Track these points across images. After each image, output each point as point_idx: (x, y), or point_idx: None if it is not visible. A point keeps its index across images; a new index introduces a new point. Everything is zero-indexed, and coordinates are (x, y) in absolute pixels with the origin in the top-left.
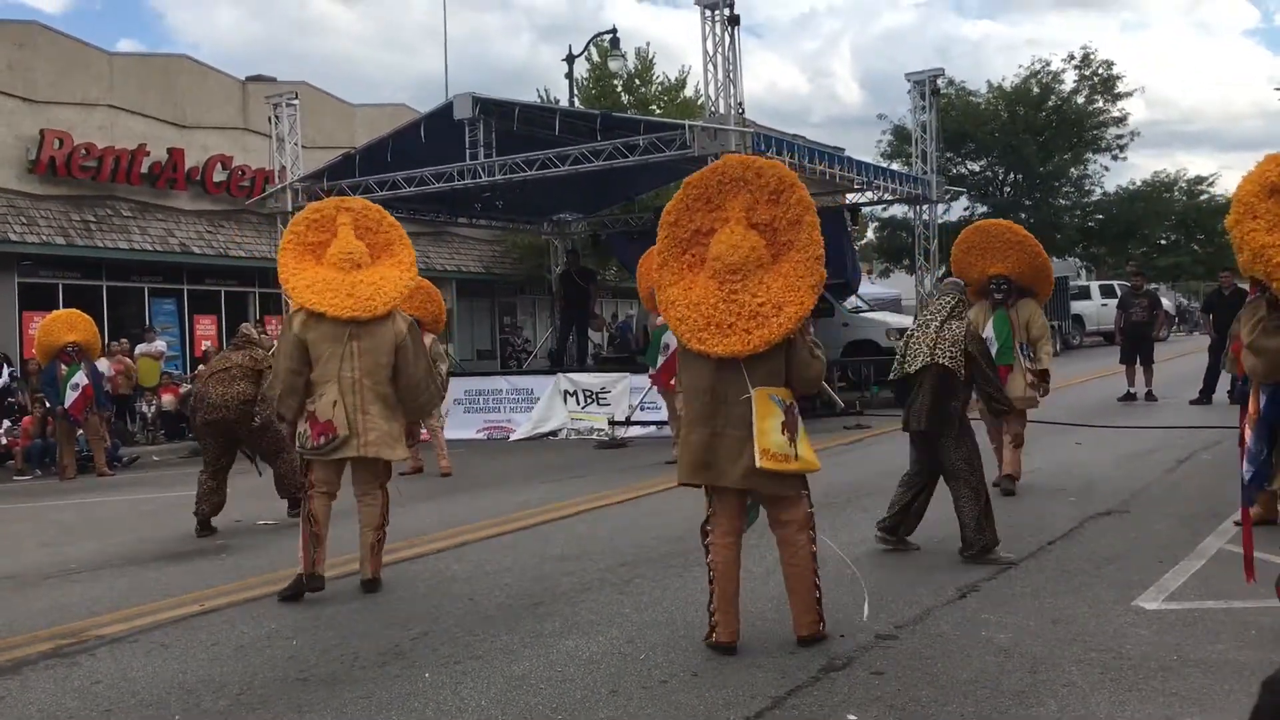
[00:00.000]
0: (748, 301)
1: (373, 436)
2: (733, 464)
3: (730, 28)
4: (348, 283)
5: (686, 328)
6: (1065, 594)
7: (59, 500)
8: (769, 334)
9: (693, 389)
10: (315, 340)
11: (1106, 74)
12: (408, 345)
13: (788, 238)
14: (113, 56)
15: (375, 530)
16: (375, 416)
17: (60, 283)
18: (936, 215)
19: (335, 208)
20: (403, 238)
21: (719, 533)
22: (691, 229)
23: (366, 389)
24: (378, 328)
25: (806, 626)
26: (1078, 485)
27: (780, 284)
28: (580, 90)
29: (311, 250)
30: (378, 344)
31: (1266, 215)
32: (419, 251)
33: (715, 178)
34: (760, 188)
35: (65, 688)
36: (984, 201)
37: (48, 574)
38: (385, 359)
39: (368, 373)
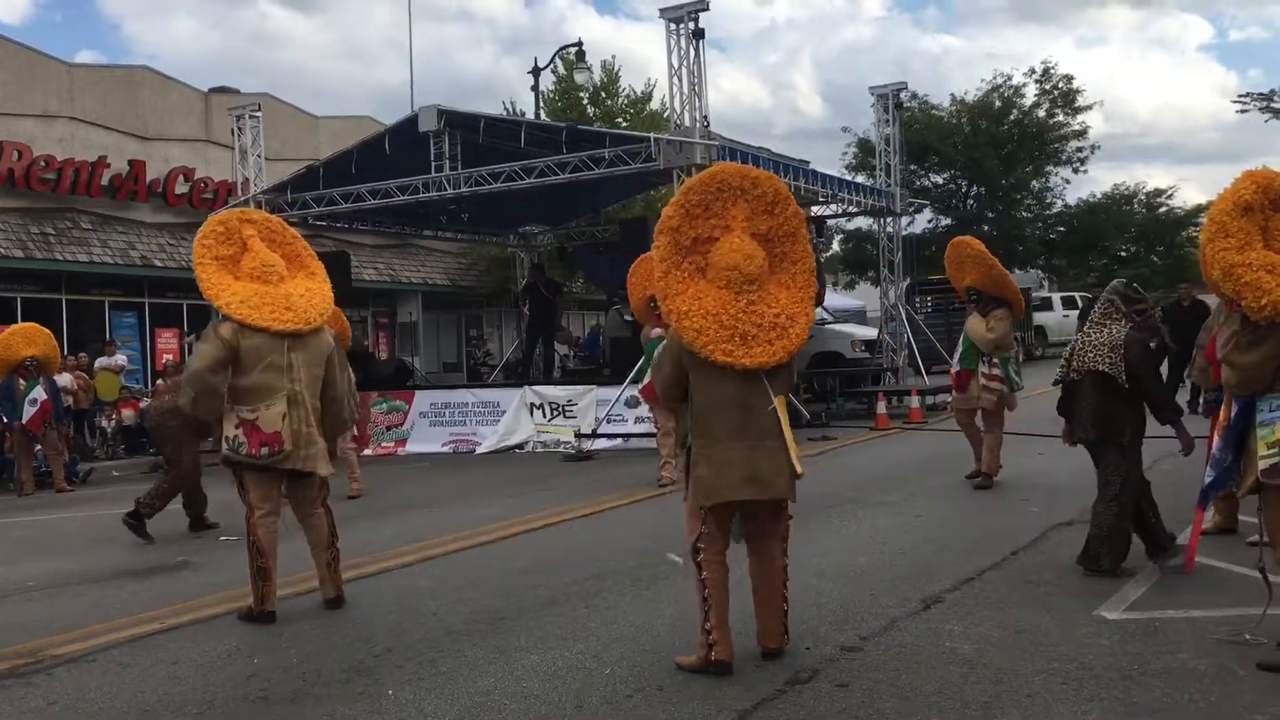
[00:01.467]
0: (765, 312)
1: (313, 451)
2: (776, 475)
3: (695, 41)
4: (280, 295)
5: (708, 339)
6: (1028, 604)
7: (16, 517)
8: (789, 344)
9: (719, 403)
10: (249, 349)
11: (1066, 88)
12: (334, 359)
13: (782, 250)
14: (73, 68)
15: (327, 549)
16: (315, 431)
17: (19, 296)
18: (900, 227)
19: (239, 220)
20: (307, 249)
21: (713, 551)
22: (692, 236)
23: (306, 402)
24: (313, 340)
25: (776, 639)
26: (1040, 495)
27: (786, 295)
28: (546, 103)
29: (224, 265)
30: (313, 357)
31: (1238, 234)
32: (384, 264)
33: (714, 185)
34: (758, 198)
35: (21, 709)
36: (947, 214)
37: (4, 592)
38: (319, 371)
39: (306, 386)
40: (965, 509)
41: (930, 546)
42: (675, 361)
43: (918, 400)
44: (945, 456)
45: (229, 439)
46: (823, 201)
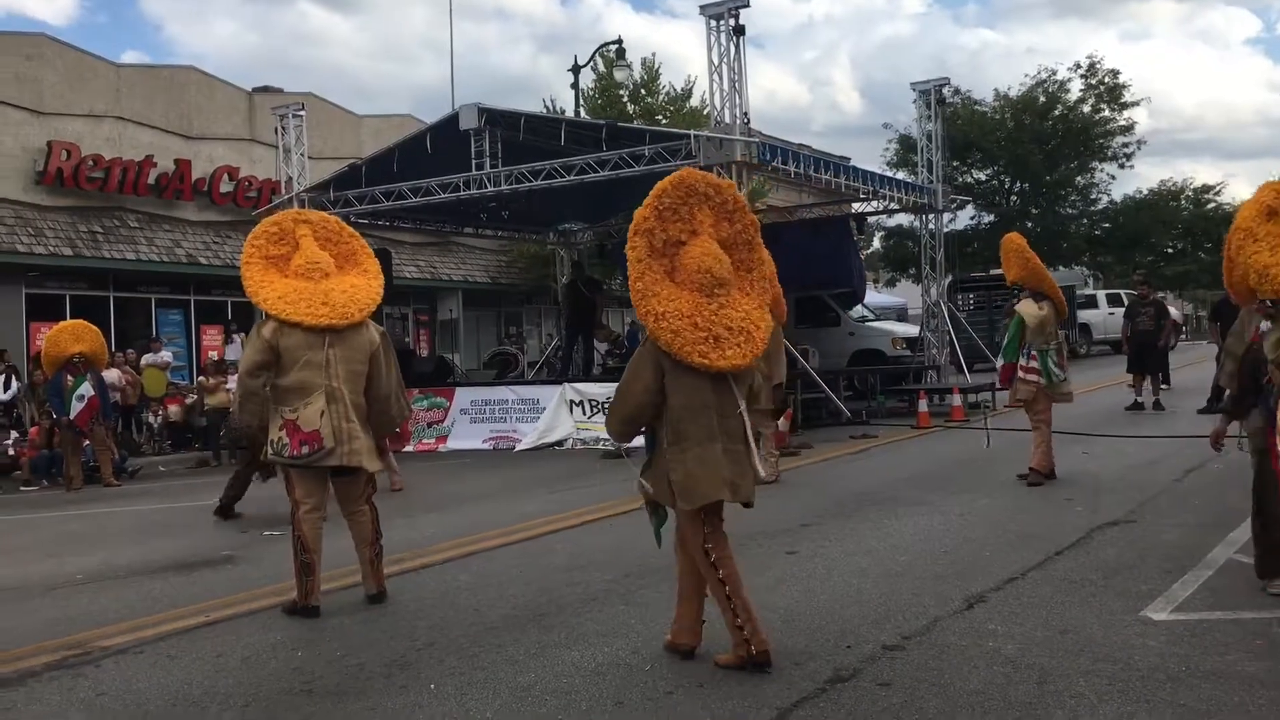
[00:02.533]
0: (733, 315)
1: (356, 445)
2: (745, 479)
3: (735, 37)
4: (320, 291)
5: (684, 341)
6: (1073, 604)
7: (65, 511)
8: (755, 349)
9: (694, 406)
10: (290, 347)
11: (1113, 83)
12: (380, 355)
13: (740, 257)
14: (120, 68)
15: (370, 545)
16: (357, 425)
17: (67, 293)
18: (942, 224)
19: (294, 220)
20: (365, 248)
21: (720, 547)
22: (664, 238)
23: (346, 397)
24: (353, 336)
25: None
26: (1085, 495)
27: (748, 302)
28: (586, 100)
29: (274, 263)
30: (354, 353)
31: (1267, 238)
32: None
33: (683, 188)
34: (720, 205)
35: (70, 699)
36: (990, 210)
37: (54, 585)
38: (360, 368)
39: (345, 381)
40: (1008, 508)
41: (973, 545)
42: (655, 366)
43: (960, 398)
44: (988, 455)
45: (273, 441)
46: (863, 198)
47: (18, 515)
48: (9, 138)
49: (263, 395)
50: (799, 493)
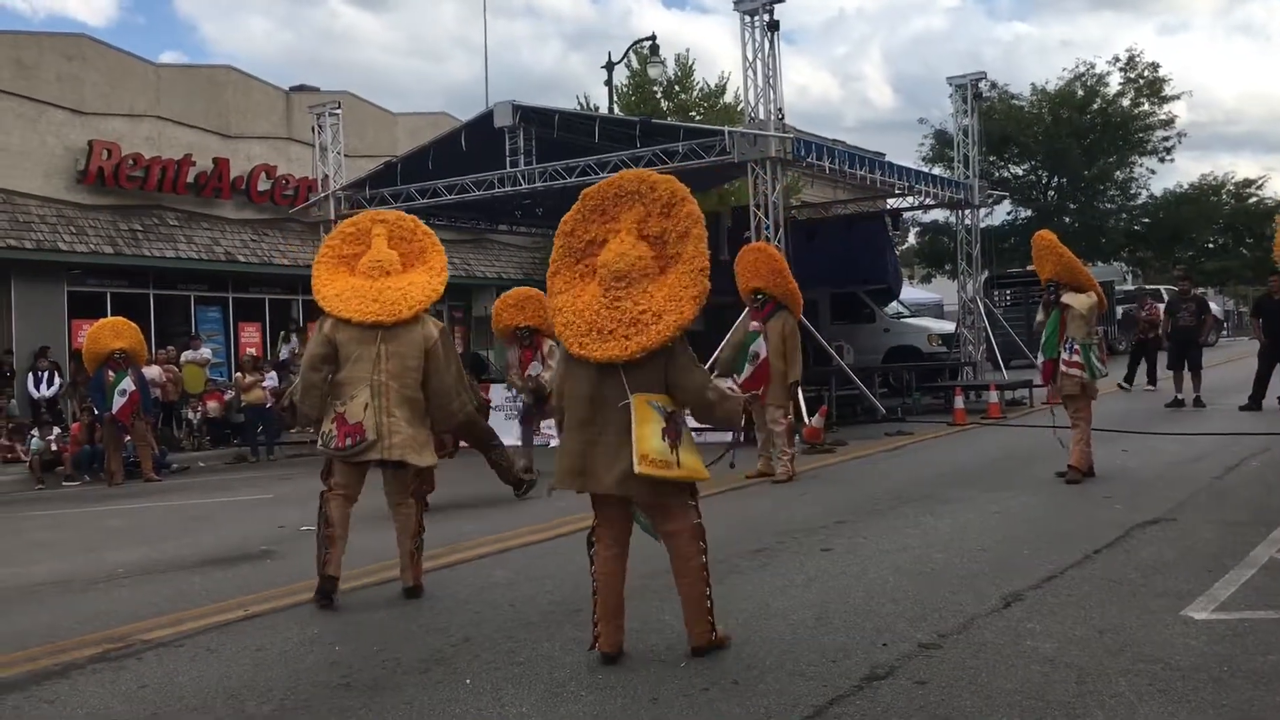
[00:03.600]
0: (629, 309)
1: (397, 440)
2: (607, 470)
3: (770, 33)
4: (375, 289)
5: (570, 333)
6: (1112, 603)
7: (106, 506)
8: (646, 341)
9: (573, 396)
10: (344, 341)
11: (1152, 76)
12: (438, 351)
13: (676, 250)
14: (159, 68)
15: (411, 539)
16: (400, 420)
17: (108, 291)
18: (979, 220)
19: (370, 220)
20: (435, 245)
21: (602, 544)
22: (586, 239)
23: (393, 392)
24: (406, 332)
25: (699, 636)
26: (1124, 493)
27: (663, 294)
28: (620, 97)
29: (345, 262)
30: (406, 348)
31: None
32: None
33: (612, 190)
34: (653, 200)
35: (113, 691)
36: (1027, 206)
37: (95, 579)
38: (414, 363)
39: (394, 376)
40: (1046, 506)
41: (1010, 543)
42: (564, 353)
43: (996, 395)
44: (1025, 453)
45: (324, 433)
46: (899, 194)
47: (60, 510)
48: (51, 137)
49: (322, 389)
50: (833, 490)
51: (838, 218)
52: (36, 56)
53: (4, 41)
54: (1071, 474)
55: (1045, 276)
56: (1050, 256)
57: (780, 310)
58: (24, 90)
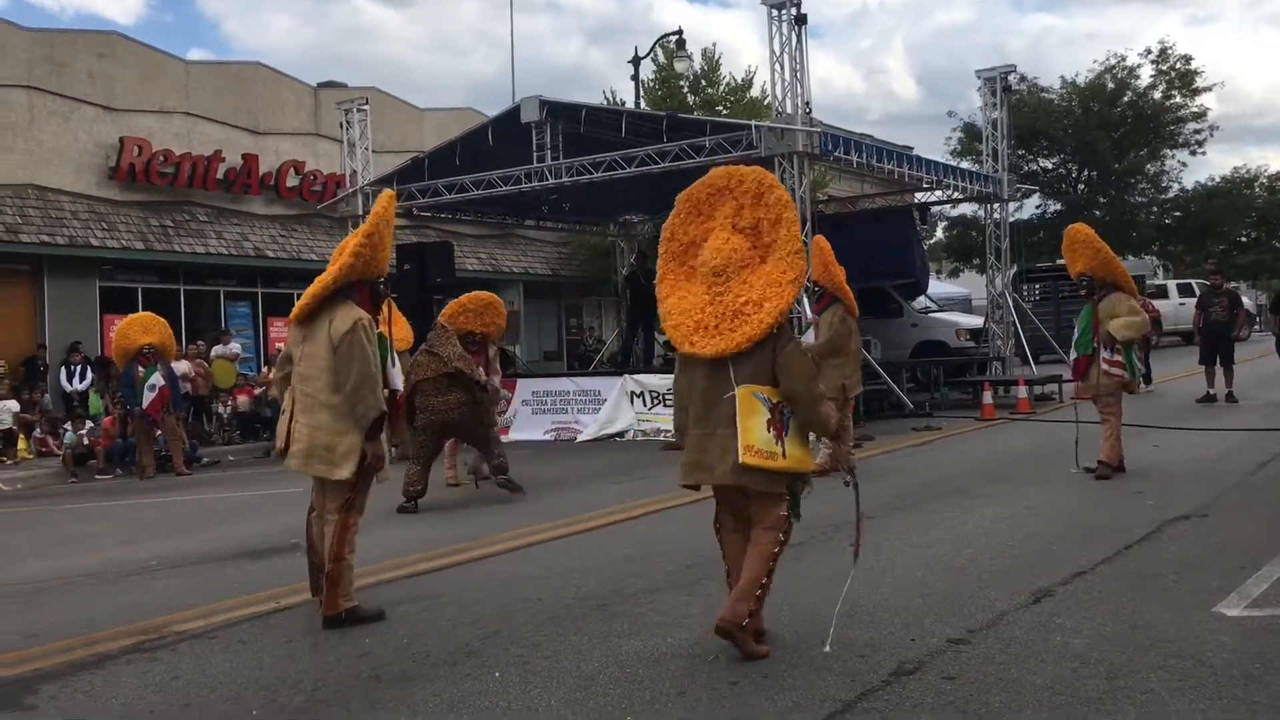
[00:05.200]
0: (730, 302)
1: (296, 449)
2: (721, 462)
3: (796, 27)
4: (318, 280)
5: (679, 333)
6: (1143, 599)
7: (139, 499)
8: (751, 331)
9: (688, 392)
10: (290, 344)
11: (1184, 69)
12: (342, 347)
13: (771, 238)
14: (189, 65)
15: (326, 560)
16: (303, 427)
17: (139, 286)
18: (1008, 213)
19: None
20: (364, 224)
21: (726, 529)
22: (685, 241)
23: (300, 396)
24: (316, 329)
25: (733, 614)
26: (1156, 488)
27: (762, 282)
28: (646, 92)
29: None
30: (314, 348)
31: None
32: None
33: (704, 190)
34: (743, 193)
35: (147, 682)
36: (1057, 199)
37: (129, 571)
38: (324, 362)
39: (303, 378)
40: (1076, 501)
41: (1039, 539)
42: (677, 357)
43: (1025, 390)
44: (1054, 448)
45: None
46: (927, 188)
47: (94, 503)
48: (83, 134)
49: (280, 389)
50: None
51: (865, 212)
52: (69, 54)
53: (37, 39)
54: (1101, 469)
55: (1077, 271)
56: (1085, 251)
57: (834, 304)
58: (56, 87)
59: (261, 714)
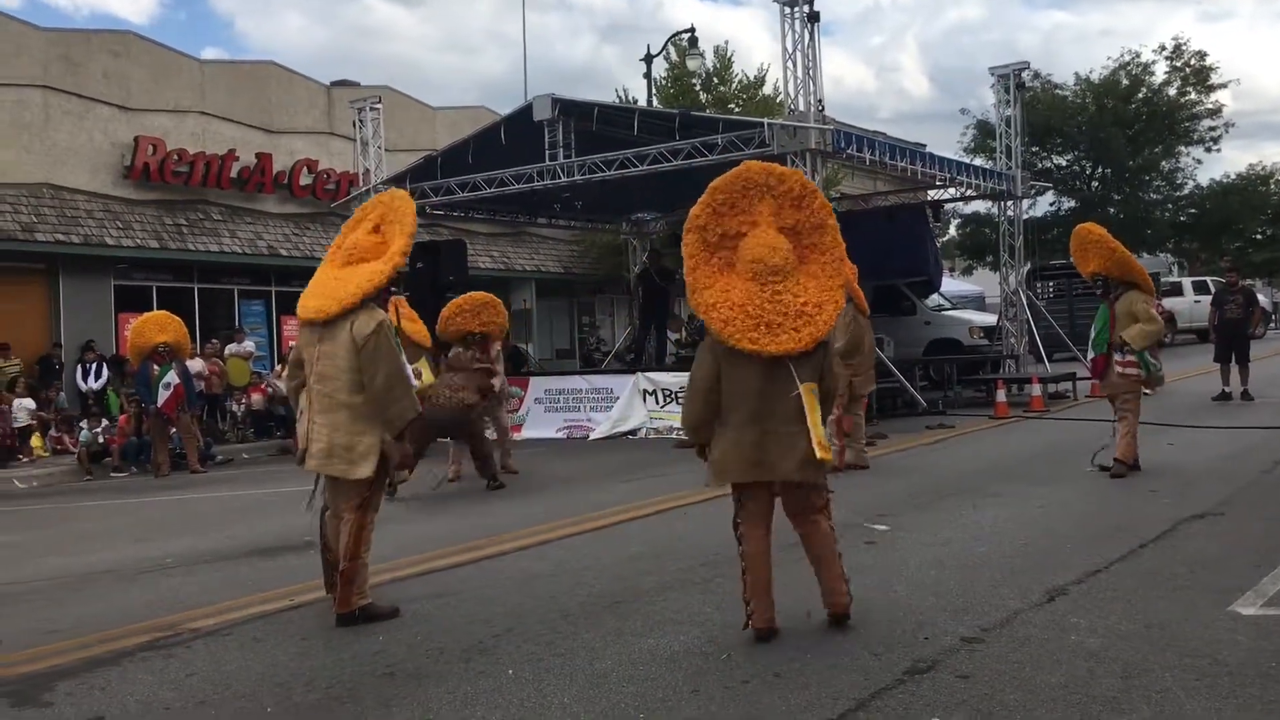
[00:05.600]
0: (791, 302)
1: (315, 449)
2: (784, 459)
3: (809, 24)
4: (331, 282)
5: (735, 329)
6: (1158, 598)
7: (154, 497)
8: (815, 331)
9: (741, 391)
10: (301, 345)
11: (1199, 65)
12: (369, 348)
13: (812, 241)
14: (203, 64)
15: (341, 559)
16: (322, 428)
17: (154, 285)
18: (1021, 211)
19: (375, 202)
20: (404, 232)
21: (752, 526)
22: (719, 233)
23: (318, 396)
24: (337, 330)
25: (842, 594)
26: (1171, 487)
27: (815, 285)
28: (659, 90)
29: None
30: (334, 348)
31: None
32: (499, 251)
33: (739, 183)
34: (784, 194)
35: (162, 679)
36: (1071, 196)
37: (144, 568)
38: (344, 363)
39: (321, 378)
40: (1090, 500)
41: (1053, 537)
42: (713, 354)
43: (1039, 388)
44: (1068, 446)
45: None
46: (940, 185)
47: (109, 500)
48: (98, 133)
49: (295, 396)
50: (874, 483)
51: (878, 210)
52: (84, 53)
53: (52, 39)
54: (1117, 467)
55: (1090, 271)
56: (1098, 251)
57: (846, 303)
58: (72, 87)
59: (276, 711)
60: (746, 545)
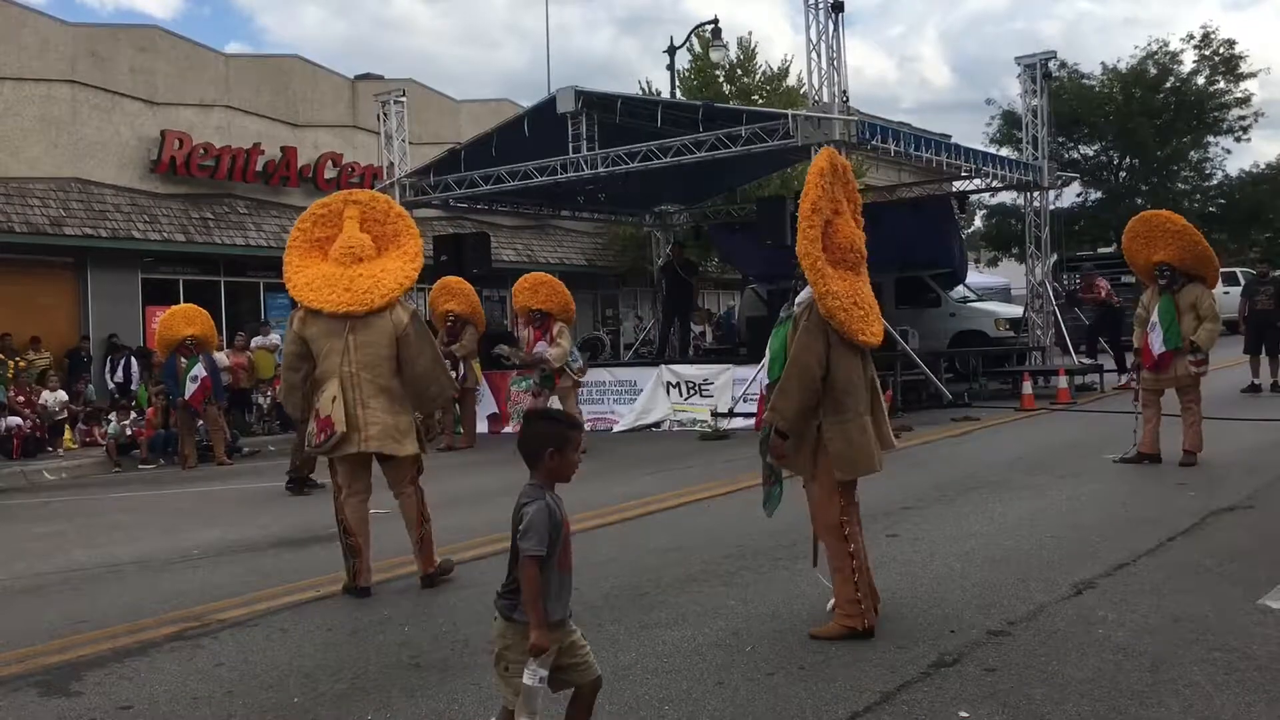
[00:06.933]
0: (866, 295)
1: (374, 430)
2: (878, 449)
3: (834, 15)
4: (346, 277)
5: (850, 318)
6: (1187, 592)
7: (181, 488)
8: (881, 326)
9: (853, 380)
10: (314, 336)
11: (1228, 53)
12: (409, 336)
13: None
14: (228, 58)
15: (416, 528)
16: (377, 410)
17: (180, 278)
18: (1048, 202)
19: (344, 201)
20: (410, 229)
21: (855, 520)
22: (825, 216)
23: (366, 382)
24: (376, 320)
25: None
26: (1200, 480)
27: (862, 282)
28: (682, 81)
29: (319, 246)
30: (376, 337)
31: None
32: (522, 244)
33: (830, 169)
34: (846, 183)
35: (190, 669)
36: (1098, 187)
37: (172, 559)
38: (386, 351)
39: (365, 366)
40: (1117, 492)
41: (1080, 530)
42: (825, 339)
43: (1065, 381)
44: (1095, 439)
45: (309, 432)
46: (965, 176)
47: (137, 492)
48: (125, 128)
49: (302, 388)
50: (899, 475)
51: (903, 201)
52: (111, 48)
53: (80, 34)
54: (1186, 457)
55: (1157, 260)
56: (1175, 241)
57: None
58: (99, 81)
59: (303, 701)
60: (857, 541)
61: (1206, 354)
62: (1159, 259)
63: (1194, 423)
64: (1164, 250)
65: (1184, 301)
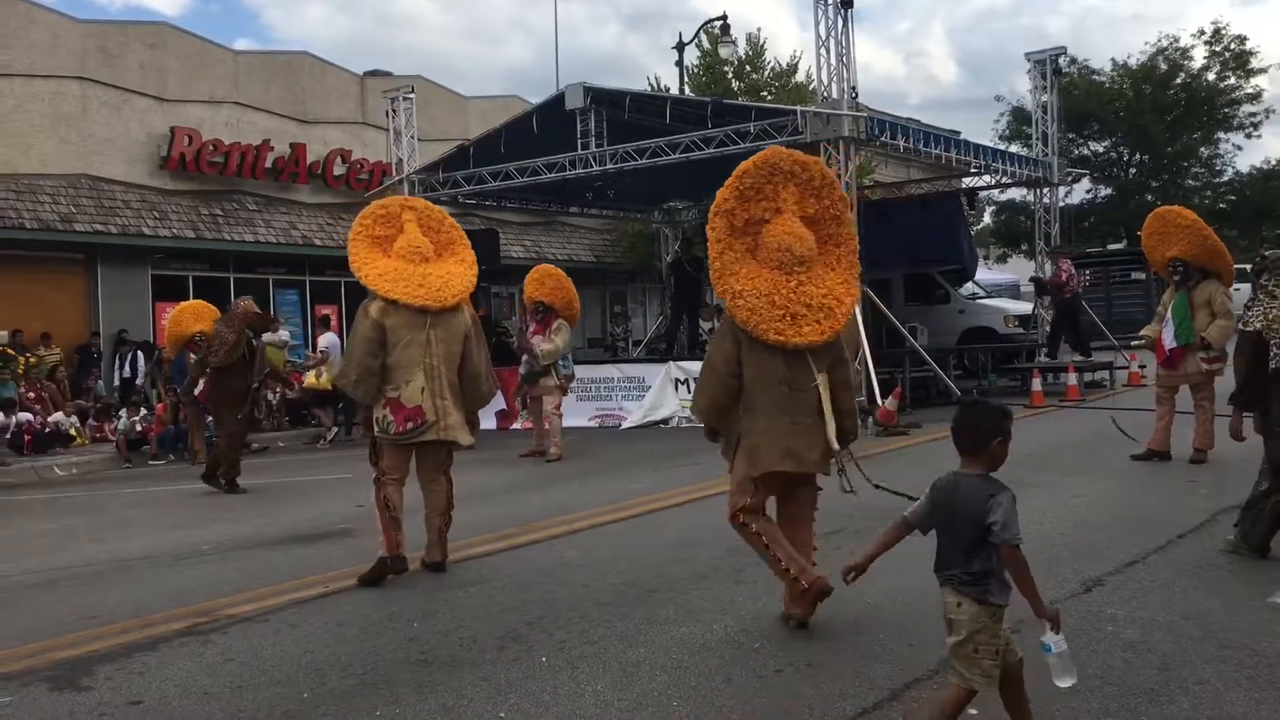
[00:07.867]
0: (813, 293)
1: (451, 421)
2: (811, 450)
3: (842, 11)
4: (418, 274)
5: (761, 319)
6: (1197, 589)
7: (190, 484)
8: (834, 324)
9: (766, 379)
10: (394, 326)
11: (1239, 49)
12: (473, 336)
13: (829, 231)
14: (237, 55)
15: (442, 515)
16: (450, 403)
17: (190, 275)
18: (1058, 198)
19: (400, 205)
20: (463, 238)
21: (754, 515)
22: (745, 218)
23: (443, 375)
24: (451, 318)
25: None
26: (1209, 477)
27: (834, 277)
28: (690, 78)
29: (379, 243)
30: (451, 333)
31: None
32: (531, 241)
33: (766, 168)
34: (806, 182)
35: (200, 664)
36: (1108, 183)
37: (181, 555)
38: (457, 348)
39: (444, 360)
40: (1127, 490)
41: (1090, 528)
42: (734, 340)
43: (1075, 378)
44: (1104, 436)
45: (378, 420)
46: (975, 173)
47: (147, 488)
48: (135, 124)
49: (377, 375)
50: (908, 472)
51: (911, 197)
52: (120, 45)
53: (90, 31)
54: (1196, 455)
55: (1170, 256)
56: (1187, 236)
57: None
58: (109, 78)
59: (312, 696)
60: (760, 525)
61: (1221, 351)
62: (1172, 254)
63: (1205, 420)
64: (1176, 245)
65: (1198, 298)
